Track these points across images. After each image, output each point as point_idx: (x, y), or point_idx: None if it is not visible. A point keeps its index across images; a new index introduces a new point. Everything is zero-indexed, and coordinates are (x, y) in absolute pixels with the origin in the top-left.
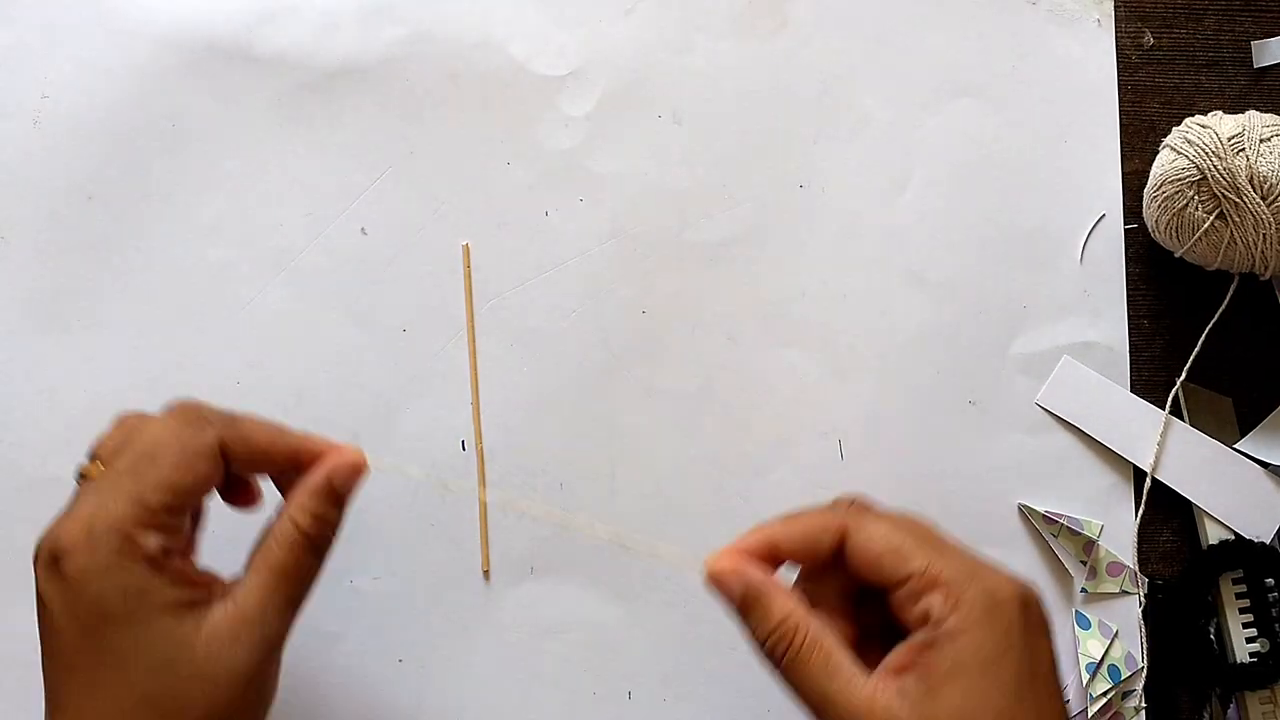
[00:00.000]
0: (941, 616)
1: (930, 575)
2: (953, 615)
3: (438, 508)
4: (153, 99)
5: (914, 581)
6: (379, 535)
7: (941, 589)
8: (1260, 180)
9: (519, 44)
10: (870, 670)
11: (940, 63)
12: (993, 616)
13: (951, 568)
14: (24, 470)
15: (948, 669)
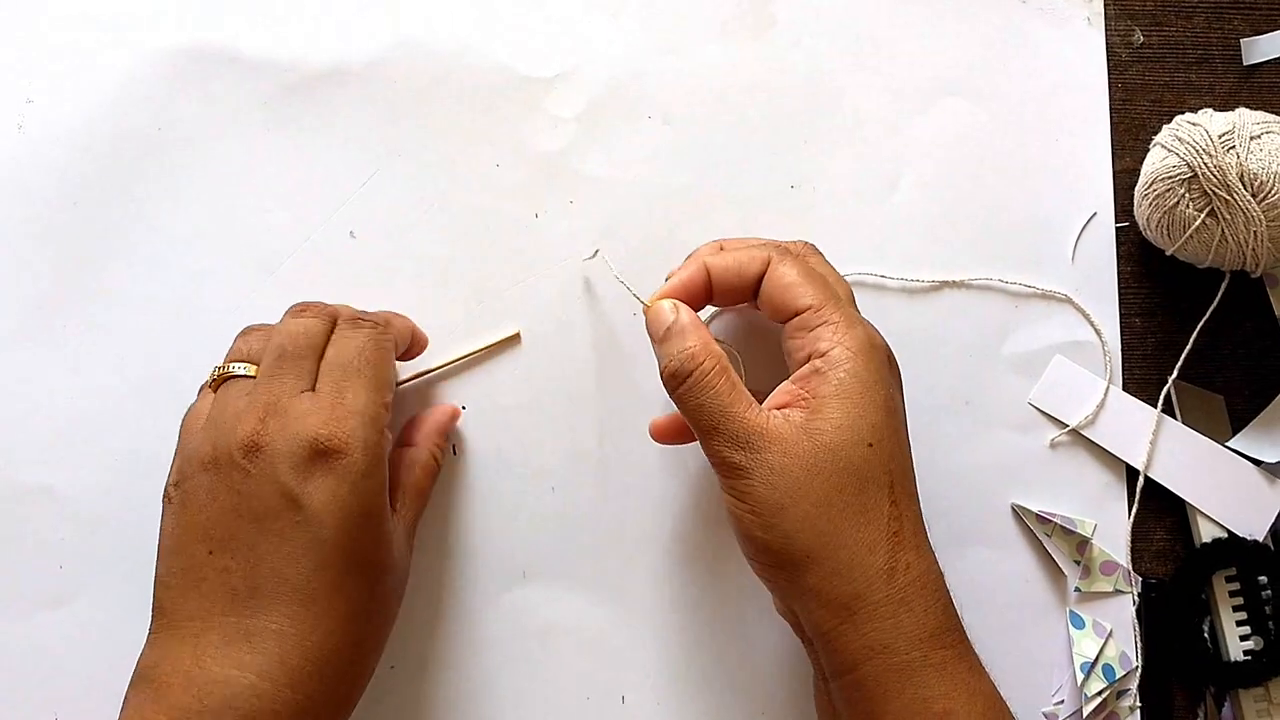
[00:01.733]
0: (828, 348)
1: (823, 312)
2: (837, 347)
3: (432, 510)
4: (138, 104)
5: (808, 314)
6: None
7: (830, 325)
8: (1251, 177)
9: (506, 46)
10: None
11: (930, 62)
12: (870, 353)
13: (840, 313)
14: (12, 478)
15: (832, 390)
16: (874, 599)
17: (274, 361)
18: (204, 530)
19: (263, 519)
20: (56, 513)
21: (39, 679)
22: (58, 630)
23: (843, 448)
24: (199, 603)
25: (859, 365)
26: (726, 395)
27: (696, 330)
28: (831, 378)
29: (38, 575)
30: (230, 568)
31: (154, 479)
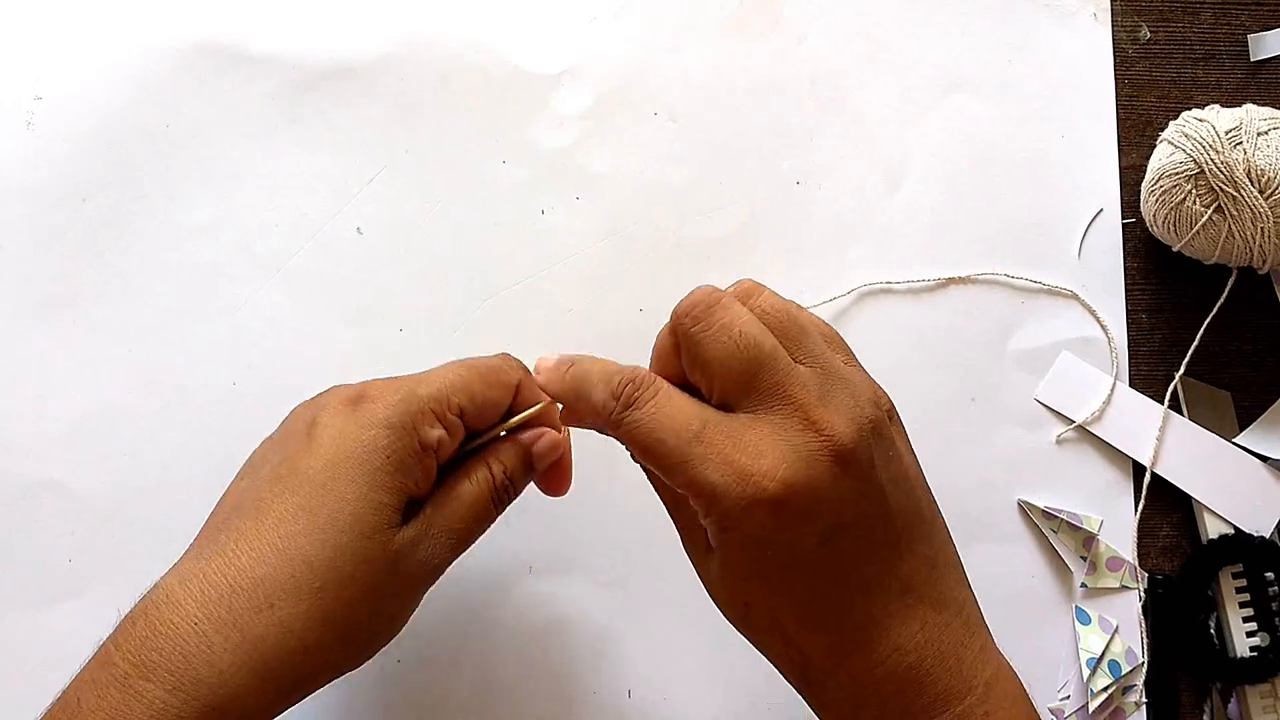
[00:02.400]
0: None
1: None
2: (706, 518)
3: None
4: (147, 100)
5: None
6: None
7: (697, 498)
8: (1258, 173)
9: (513, 42)
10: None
11: (935, 58)
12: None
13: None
14: (21, 473)
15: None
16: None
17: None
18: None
19: (284, 442)
20: (66, 507)
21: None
22: (67, 624)
23: (723, 606)
24: (214, 516)
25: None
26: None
27: (611, 362)
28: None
29: (47, 569)
30: (241, 487)
31: (163, 473)
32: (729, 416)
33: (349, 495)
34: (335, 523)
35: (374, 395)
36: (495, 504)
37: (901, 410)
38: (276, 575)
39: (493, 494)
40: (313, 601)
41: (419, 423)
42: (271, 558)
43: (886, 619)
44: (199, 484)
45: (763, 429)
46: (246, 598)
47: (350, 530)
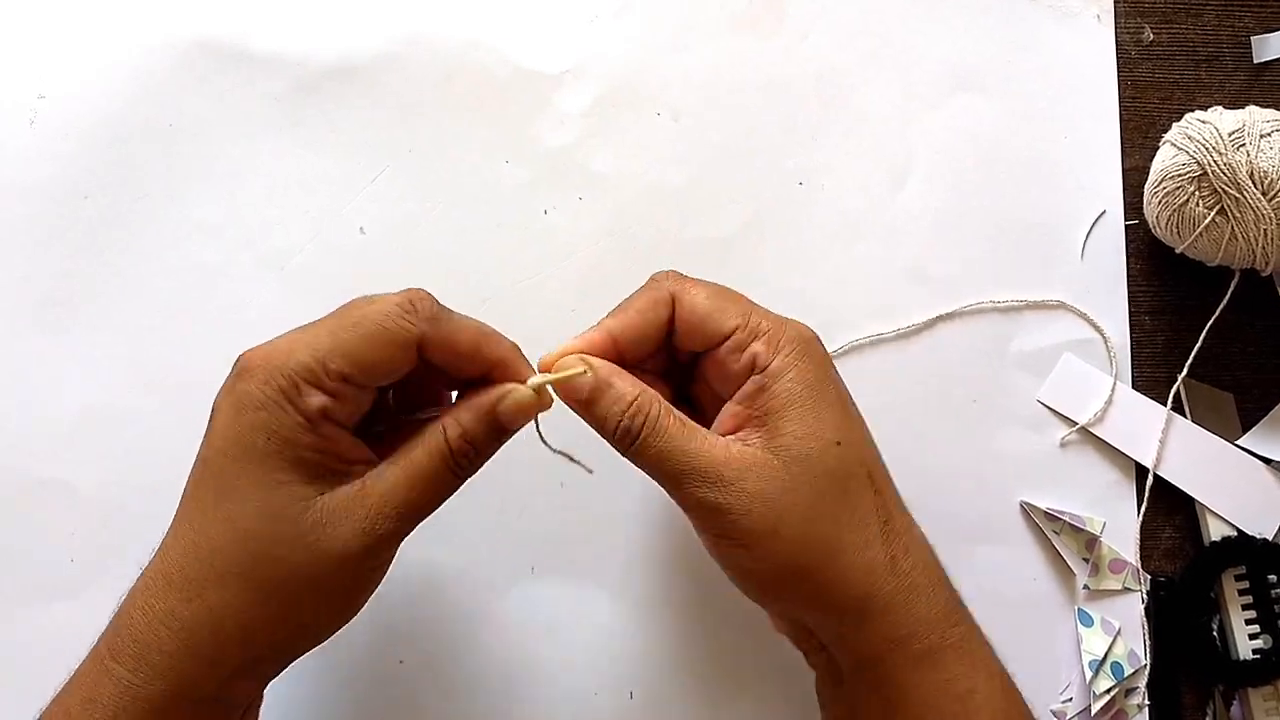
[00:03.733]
0: (767, 360)
1: (752, 326)
2: (777, 357)
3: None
4: (149, 99)
5: (739, 334)
6: None
7: (763, 337)
8: (1261, 175)
9: (515, 42)
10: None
11: (939, 59)
12: (808, 353)
13: (766, 319)
14: (22, 471)
15: (783, 401)
16: (883, 594)
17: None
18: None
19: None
20: (67, 506)
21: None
22: (68, 622)
23: (813, 455)
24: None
25: (803, 369)
26: (681, 434)
27: (621, 377)
28: (779, 390)
29: (49, 567)
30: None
31: (164, 472)
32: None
33: (245, 480)
34: (241, 509)
35: (249, 370)
36: (454, 471)
37: (904, 411)
38: (200, 566)
39: (448, 460)
40: (238, 588)
41: (291, 395)
42: (194, 549)
43: (910, 523)
44: None
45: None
46: (178, 590)
47: (256, 515)
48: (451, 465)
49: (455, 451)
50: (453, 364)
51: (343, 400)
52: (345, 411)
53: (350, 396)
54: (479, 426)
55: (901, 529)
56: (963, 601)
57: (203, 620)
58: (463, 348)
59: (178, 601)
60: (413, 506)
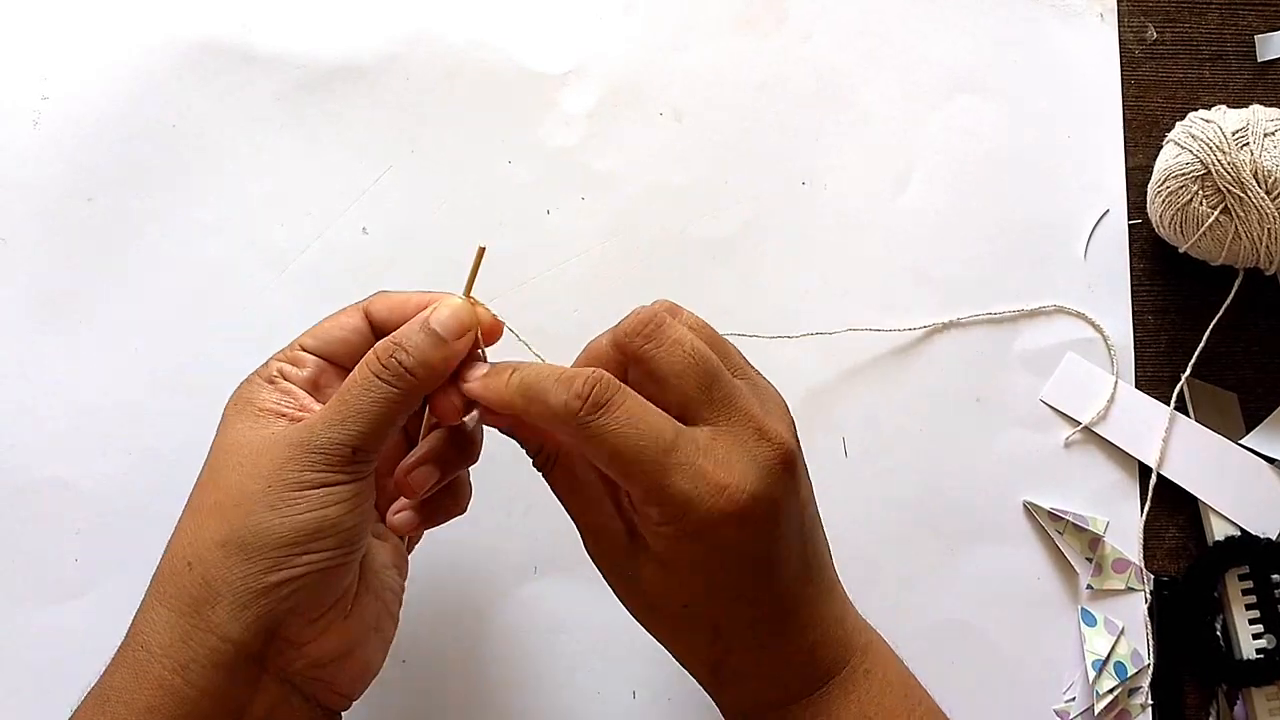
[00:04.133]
0: (653, 526)
1: (654, 491)
2: (665, 526)
3: None
4: (152, 99)
5: (637, 492)
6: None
7: (662, 507)
8: (1265, 175)
9: (519, 42)
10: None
11: (942, 58)
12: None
13: (679, 481)
14: (26, 471)
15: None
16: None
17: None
18: None
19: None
20: (71, 505)
21: (53, 671)
22: (72, 622)
23: (659, 603)
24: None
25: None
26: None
27: (563, 368)
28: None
29: (52, 567)
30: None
31: (168, 471)
32: (693, 429)
33: (218, 439)
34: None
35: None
36: (384, 380)
37: (906, 411)
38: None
39: (373, 364)
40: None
41: (260, 373)
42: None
43: (804, 601)
44: None
45: (725, 440)
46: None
47: (217, 450)
48: (384, 376)
49: (382, 360)
50: (395, 315)
51: (300, 365)
52: (306, 374)
53: (308, 364)
54: (412, 333)
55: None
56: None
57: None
58: (398, 302)
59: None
60: (348, 421)
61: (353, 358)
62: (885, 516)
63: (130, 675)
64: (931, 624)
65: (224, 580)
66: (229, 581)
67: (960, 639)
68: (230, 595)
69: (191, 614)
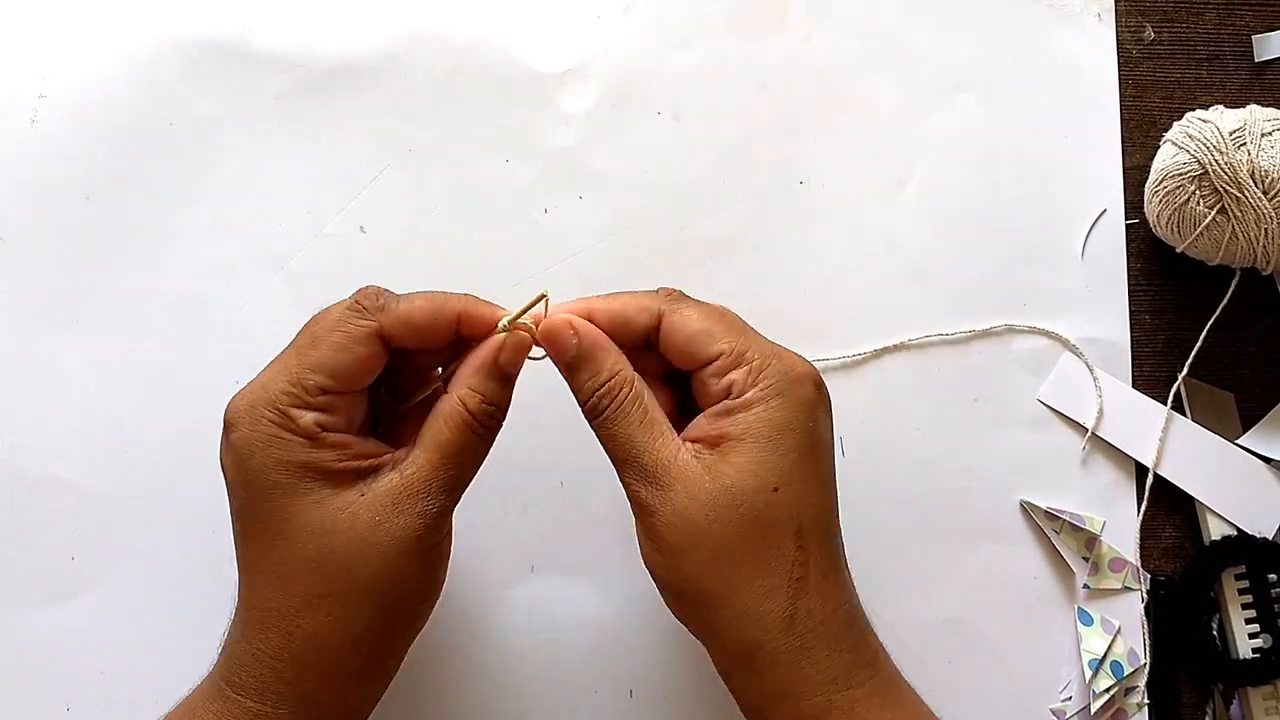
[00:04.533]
0: (742, 389)
1: (737, 353)
2: (752, 388)
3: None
4: (150, 98)
5: (721, 360)
6: None
7: (745, 366)
8: (1261, 175)
9: (518, 41)
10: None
11: (940, 58)
12: (786, 391)
13: (755, 349)
14: (25, 470)
15: (741, 431)
16: (772, 647)
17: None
18: None
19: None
20: (69, 504)
21: (51, 670)
22: (70, 621)
23: (745, 492)
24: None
25: (772, 407)
26: (638, 425)
27: (605, 352)
28: (742, 419)
29: (50, 567)
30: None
31: (164, 471)
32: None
33: (286, 513)
34: (296, 539)
35: (236, 420)
36: (479, 435)
37: (904, 411)
38: (287, 599)
39: (472, 425)
40: (328, 608)
41: (284, 424)
42: (274, 587)
43: (836, 583)
44: (201, 482)
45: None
46: (276, 628)
47: (314, 535)
48: (477, 429)
49: (479, 415)
50: (421, 340)
51: (333, 410)
52: (342, 419)
53: (340, 406)
54: (489, 384)
55: (814, 590)
56: (875, 659)
57: (308, 647)
58: (420, 322)
59: (279, 638)
60: (456, 481)
61: (368, 380)
62: (882, 516)
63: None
64: (929, 623)
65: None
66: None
67: (957, 638)
68: (396, 650)
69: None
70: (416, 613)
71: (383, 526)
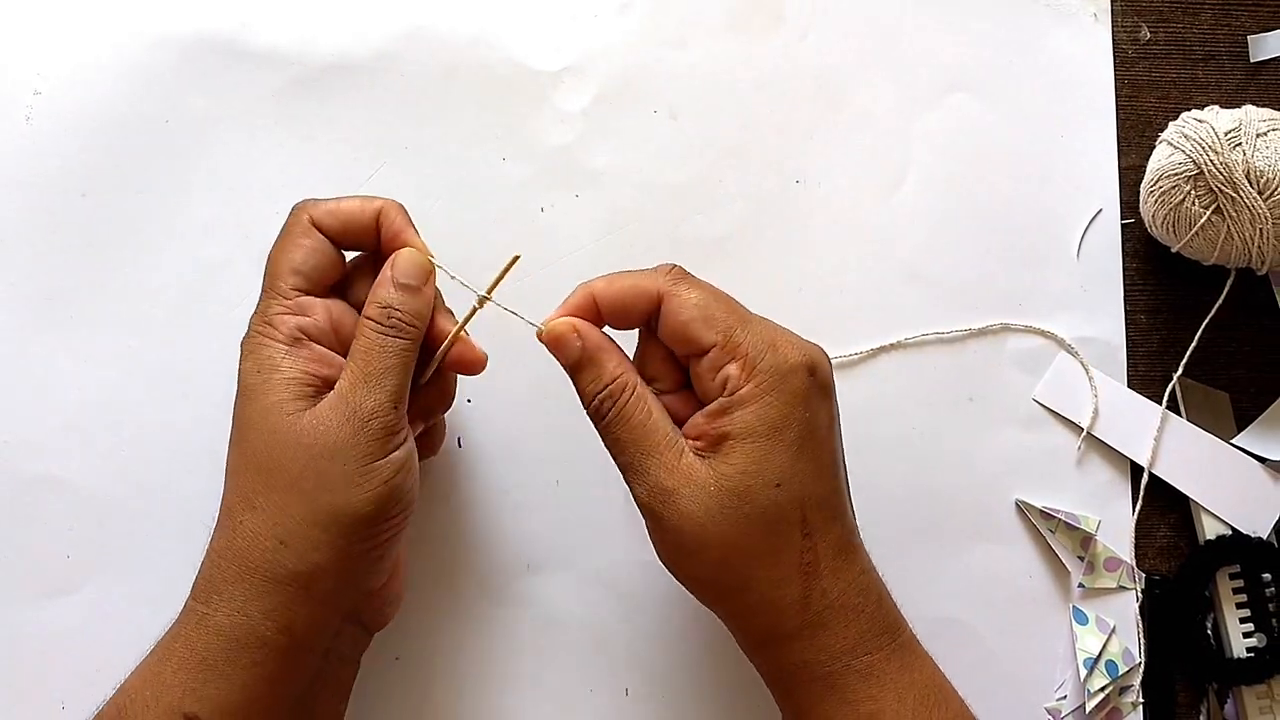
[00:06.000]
0: (736, 385)
1: (731, 345)
2: (746, 385)
3: (437, 503)
4: (146, 95)
5: (715, 352)
6: None
7: (740, 360)
8: (1257, 175)
9: (515, 39)
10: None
11: (937, 57)
12: (781, 385)
13: (751, 339)
14: (20, 469)
15: (739, 430)
16: (787, 629)
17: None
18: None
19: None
20: (64, 502)
21: (47, 667)
22: (65, 619)
23: (749, 492)
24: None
25: (767, 404)
26: (640, 429)
27: (608, 355)
28: (739, 418)
29: (45, 564)
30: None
31: (162, 469)
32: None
33: (248, 411)
34: (255, 444)
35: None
36: (386, 334)
37: (899, 410)
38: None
39: (375, 326)
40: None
41: (267, 332)
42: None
43: (846, 560)
44: (198, 479)
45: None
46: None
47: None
48: (385, 330)
49: (383, 321)
50: (349, 231)
51: (312, 313)
52: (325, 329)
53: (318, 310)
54: (392, 294)
55: (828, 568)
56: (893, 625)
57: (248, 543)
58: (345, 211)
59: (225, 537)
60: (375, 378)
61: (333, 280)
62: (877, 515)
63: (225, 641)
64: (924, 622)
65: (327, 558)
66: (332, 559)
67: (952, 637)
68: (335, 570)
69: (293, 586)
70: (359, 530)
71: (317, 429)
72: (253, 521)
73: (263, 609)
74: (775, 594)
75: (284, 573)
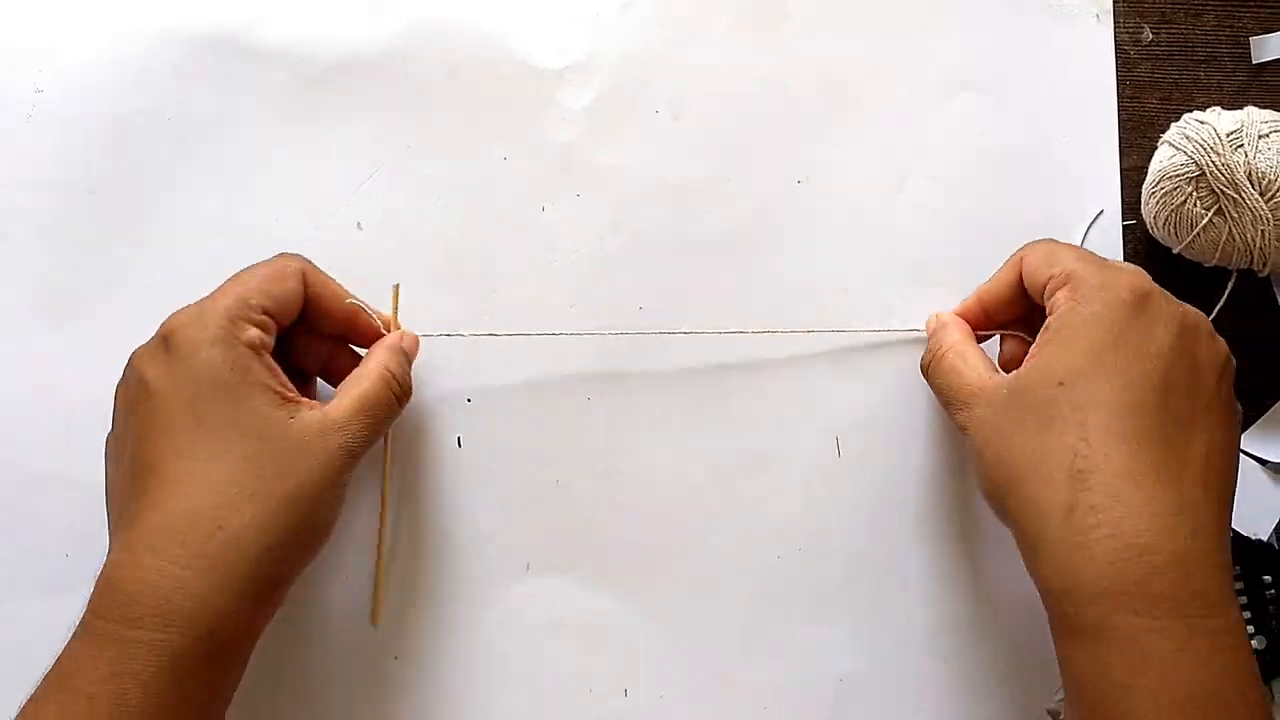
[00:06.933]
0: (1057, 304)
1: (1065, 274)
2: (1069, 301)
3: (436, 503)
4: (150, 93)
5: (1051, 282)
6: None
7: (1071, 283)
8: (1259, 176)
9: (518, 37)
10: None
11: (940, 58)
12: (1093, 296)
13: (1087, 269)
14: (24, 466)
15: (1046, 338)
16: (1050, 538)
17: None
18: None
19: (131, 413)
20: (65, 500)
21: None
22: (65, 617)
23: (1030, 387)
24: (114, 504)
25: (1073, 310)
26: (953, 369)
27: (949, 328)
28: (1052, 327)
29: (45, 562)
30: (122, 470)
31: None
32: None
33: (227, 412)
34: (238, 436)
35: (182, 324)
36: (395, 393)
37: (901, 411)
38: (208, 502)
39: (389, 382)
40: (257, 508)
41: (232, 331)
42: (194, 491)
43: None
44: None
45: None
46: (195, 531)
47: (256, 437)
48: (395, 390)
49: (397, 379)
50: (324, 301)
51: (267, 332)
52: (268, 346)
53: (270, 330)
54: (402, 362)
55: (1104, 487)
56: (1194, 598)
57: (230, 548)
58: (331, 287)
59: (199, 540)
60: (371, 428)
61: (292, 315)
62: (880, 516)
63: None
64: (926, 622)
65: (292, 569)
66: (294, 569)
67: (954, 637)
68: (289, 578)
69: (251, 583)
70: (315, 540)
71: (310, 446)
72: (241, 523)
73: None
74: (1042, 493)
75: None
